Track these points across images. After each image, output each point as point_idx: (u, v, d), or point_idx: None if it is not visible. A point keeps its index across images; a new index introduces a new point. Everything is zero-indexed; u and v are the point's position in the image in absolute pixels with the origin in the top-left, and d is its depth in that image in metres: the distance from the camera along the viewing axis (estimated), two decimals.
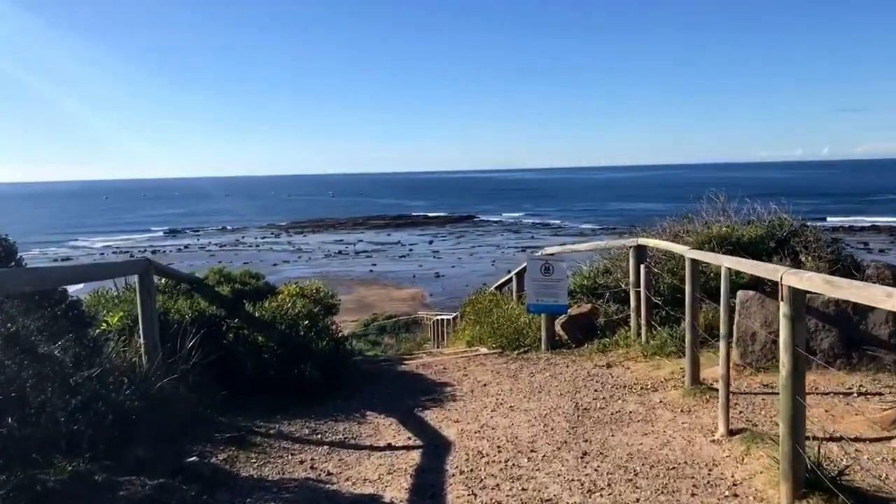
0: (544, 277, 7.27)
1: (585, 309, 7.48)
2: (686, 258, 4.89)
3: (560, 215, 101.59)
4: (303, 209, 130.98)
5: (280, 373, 5.54)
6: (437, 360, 7.35)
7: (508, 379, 6.18)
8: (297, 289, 8.29)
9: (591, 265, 8.35)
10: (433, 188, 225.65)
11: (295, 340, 5.74)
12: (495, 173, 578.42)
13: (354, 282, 51.30)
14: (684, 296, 6.86)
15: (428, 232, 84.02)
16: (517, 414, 4.95)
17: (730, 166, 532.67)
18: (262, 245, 75.77)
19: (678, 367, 5.70)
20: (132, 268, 4.91)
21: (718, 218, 8.08)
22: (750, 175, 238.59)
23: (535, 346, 7.55)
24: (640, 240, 6.83)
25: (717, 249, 6.97)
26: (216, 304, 6.16)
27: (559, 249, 8.17)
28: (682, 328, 6.30)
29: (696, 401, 4.71)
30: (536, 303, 7.33)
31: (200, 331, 5.57)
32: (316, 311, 6.91)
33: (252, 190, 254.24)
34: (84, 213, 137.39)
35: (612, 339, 7.06)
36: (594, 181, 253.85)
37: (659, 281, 6.95)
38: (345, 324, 36.83)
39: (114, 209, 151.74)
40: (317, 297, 8.41)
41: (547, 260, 7.39)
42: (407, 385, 6.27)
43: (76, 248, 77.26)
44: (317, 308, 7.33)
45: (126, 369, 4.80)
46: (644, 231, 8.52)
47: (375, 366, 7.55)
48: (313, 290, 8.63)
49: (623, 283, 7.49)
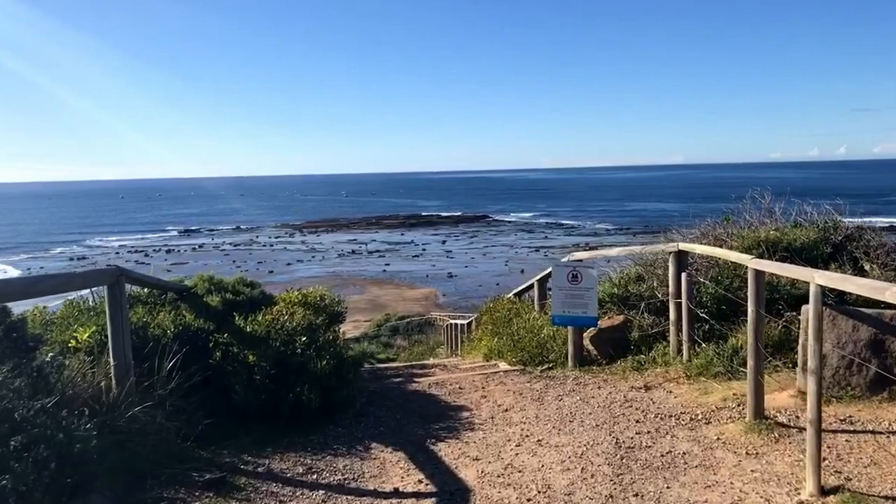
0: (571, 286, 6.49)
1: (617, 321, 6.70)
2: (749, 269, 4.12)
3: (573, 215, 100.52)
4: (316, 209, 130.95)
5: (273, 397, 4.84)
6: (453, 378, 6.61)
7: (533, 403, 5.44)
8: (298, 296, 7.61)
9: (622, 271, 7.55)
10: (446, 188, 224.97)
11: (291, 359, 5.04)
12: (508, 173, 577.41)
13: (367, 281, 50.77)
14: (730, 307, 6.11)
15: (441, 232, 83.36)
16: (547, 451, 4.21)
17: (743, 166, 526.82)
18: (276, 245, 75.53)
19: (730, 392, 4.94)
20: (99, 278, 4.23)
21: (763, 219, 7.27)
22: (764, 175, 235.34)
23: (561, 362, 6.81)
24: (682, 244, 6.05)
25: (767, 255, 6.19)
26: (204, 316, 5.48)
27: (588, 255, 7.25)
28: (731, 346, 5.55)
29: (762, 439, 3.94)
30: (563, 314, 6.56)
31: (184, 348, 4.90)
32: (318, 322, 6.22)
33: (266, 190, 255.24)
34: (101, 213, 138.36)
35: (647, 355, 6.28)
36: (607, 181, 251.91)
37: (701, 290, 6.18)
38: (357, 324, 36.41)
39: (129, 209, 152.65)
40: (320, 305, 7.72)
41: (574, 266, 6.56)
42: (418, 408, 5.55)
43: (92, 248, 77.50)
44: (320, 318, 6.64)
45: (91, 396, 4.13)
46: (676, 231, 7.74)
47: (383, 383, 6.83)
48: (317, 298, 7.94)
49: (659, 292, 6.71)
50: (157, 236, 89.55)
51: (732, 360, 5.42)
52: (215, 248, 73.83)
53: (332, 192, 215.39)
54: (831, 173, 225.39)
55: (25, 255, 70.75)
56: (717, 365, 5.43)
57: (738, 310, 5.98)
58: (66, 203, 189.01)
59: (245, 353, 4.98)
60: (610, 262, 7.92)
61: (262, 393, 4.82)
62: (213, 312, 5.62)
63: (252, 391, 4.82)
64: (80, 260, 66.53)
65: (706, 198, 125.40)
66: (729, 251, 5.15)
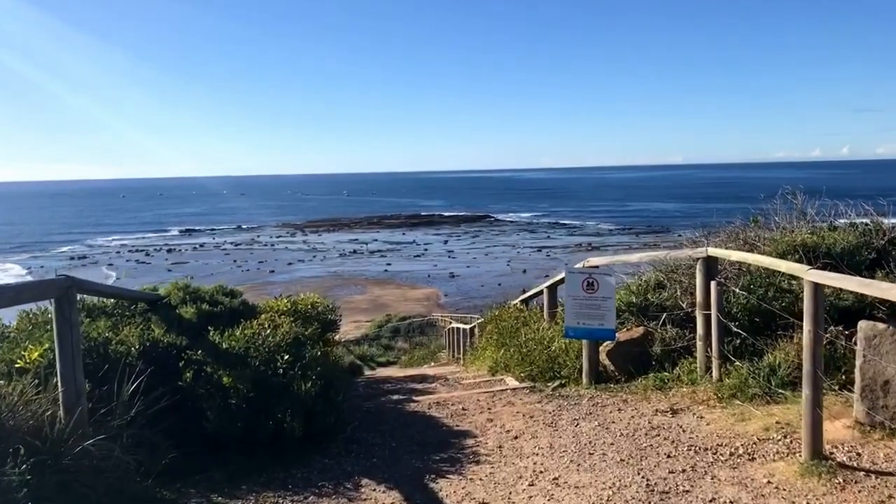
0: (587, 295, 5.86)
1: (637, 334, 6.03)
2: (805, 282, 3.49)
3: (575, 215, 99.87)
4: (318, 208, 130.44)
5: (250, 424, 4.23)
6: (455, 397, 6.00)
7: (546, 428, 4.83)
8: (287, 304, 7.01)
9: (640, 278, 6.92)
10: (448, 187, 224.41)
11: (272, 380, 4.44)
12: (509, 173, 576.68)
13: (369, 281, 50.21)
14: (764, 320, 5.50)
15: (443, 231, 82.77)
16: (566, 494, 3.59)
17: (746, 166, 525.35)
18: (278, 244, 75.02)
19: (771, 419, 4.32)
20: (43, 290, 3.62)
21: (792, 221, 6.64)
22: (768, 175, 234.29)
23: (575, 378, 6.20)
24: (711, 250, 5.35)
25: (804, 261, 5.57)
26: (176, 330, 4.88)
27: (605, 261, 6.46)
28: (768, 363, 4.93)
29: (824, 486, 3.30)
30: (577, 325, 5.93)
31: (150, 367, 4.31)
32: (308, 334, 5.62)
33: (267, 189, 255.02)
34: (102, 212, 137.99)
35: (671, 373, 5.64)
36: (608, 181, 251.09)
37: (730, 301, 5.57)
38: (359, 324, 35.84)
39: (131, 208, 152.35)
40: (311, 314, 7.12)
41: (590, 273, 5.92)
42: (416, 434, 4.94)
43: (93, 247, 77.04)
44: (310, 328, 6.04)
45: (31, 429, 3.54)
46: (701, 232, 7.11)
47: (379, 401, 6.23)
48: (307, 305, 7.34)
49: (683, 301, 6.07)
50: (158, 235, 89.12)
51: (770, 380, 4.81)
52: (216, 248, 73.33)
53: (334, 192, 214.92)
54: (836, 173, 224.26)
55: (27, 255, 70.29)
56: (752, 386, 4.81)
57: (774, 322, 5.40)
58: (68, 202, 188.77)
59: (220, 373, 4.38)
60: (632, 269, 7.29)
61: (238, 419, 4.22)
62: (186, 326, 5.03)
63: (227, 418, 4.22)
64: (80, 259, 66.10)
65: (708, 198, 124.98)
66: (777, 260, 4.51)
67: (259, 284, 50.20)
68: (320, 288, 47.97)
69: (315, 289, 50.48)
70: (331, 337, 8.28)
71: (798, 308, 5.45)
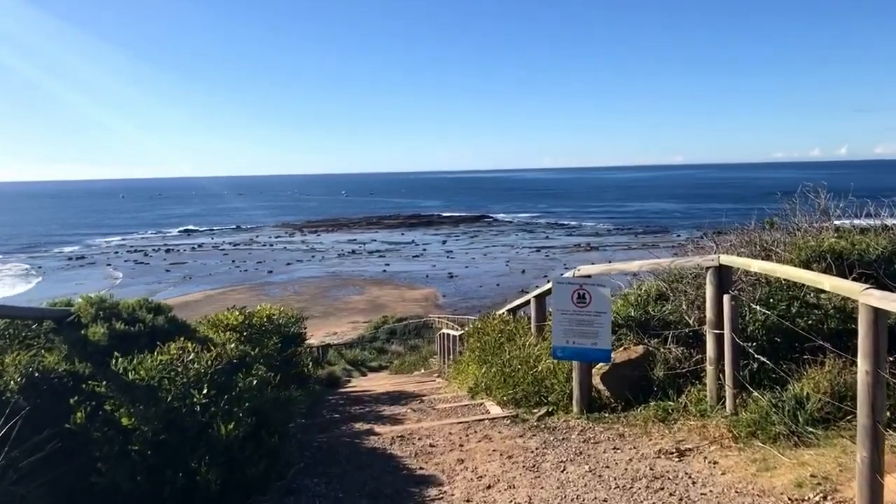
0: (578, 309, 5.03)
1: (636, 354, 5.14)
2: (860, 305, 2.63)
3: (575, 215, 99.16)
4: (317, 209, 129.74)
5: (154, 477, 3.40)
6: (424, 429, 5.09)
7: (526, 474, 3.97)
8: (239, 317, 6.17)
9: (639, 287, 6.05)
10: (447, 188, 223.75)
11: (186, 420, 3.59)
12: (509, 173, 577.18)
13: (367, 282, 49.52)
14: (786, 340, 4.67)
15: (442, 231, 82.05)
16: None
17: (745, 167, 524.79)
18: (276, 244, 74.37)
19: (804, 470, 3.47)
20: None
21: (814, 224, 5.81)
22: (767, 175, 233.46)
23: (564, 405, 5.33)
24: (724, 257, 4.50)
25: (833, 270, 4.74)
26: (79, 355, 4.03)
27: (599, 269, 5.55)
28: (793, 395, 4.09)
29: None
30: (566, 345, 5.09)
31: (37, 403, 3.49)
32: (255, 354, 4.79)
33: (266, 189, 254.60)
34: (101, 213, 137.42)
35: (676, 401, 4.77)
36: (607, 181, 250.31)
37: (747, 316, 4.73)
38: (356, 324, 35.10)
39: (130, 208, 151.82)
40: (266, 329, 6.28)
41: (581, 284, 5.08)
42: (370, 480, 4.08)
43: (91, 247, 76.35)
44: (263, 347, 5.21)
45: None
46: (708, 234, 6.28)
47: (333, 433, 5.35)
48: (263, 319, 6.50)
49: (690, 316, 5.21)
50: (157, 235, 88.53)
51: (797, 415, 3.95)
52: (215, 248, 72.66)
53: (333, 192, 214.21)
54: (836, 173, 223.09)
55: (25, 255, 69.59)
56: (775, 422, 3.96)
57: (798, 344, 4.56)
58: (67, 202, 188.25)
59: (121, 411, 3.54)
60: (627, 276, 6.41)
61: (139, 471, 3.38)
62: (94, 350, 4.18)
63: (124, 469, 3.38)
64: (78, 259, 65.47)
65: (707, 198, 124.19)
66: (819, 275, 3.55)
67: (257, 285, 49.50)
68: (319, 288, 47.33)
69: (313, 289, 49.82)
70: (296, 351, 7.54)
71: (828, 327, 4.62)
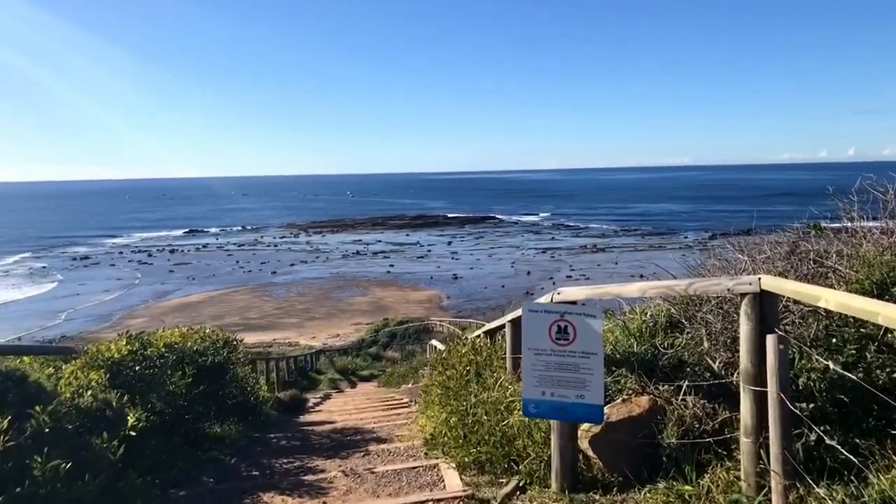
0: (558, 348, 3.55)
1: (638, 409, 3.69)
2: None
3: (580, 216, 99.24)
4: (322, 209, 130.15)
5: None
6: None
7: None
8: (122, 349, 4.88)
9: (643, 311, 4.41)
10: (452, 189, 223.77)
11: None
12: (514, 174, 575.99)
13: (371, 283, 49.72)
14: (860, 401, 2.98)
15: (447, 232, 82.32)
16: None
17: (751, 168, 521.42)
18: (281, 245, 74.74)
19: None
20: None
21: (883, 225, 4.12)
22: (775, 177, 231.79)
23: (540, 475, 3.88)
24: (768, 279, 2.96)
25: None
26: None
27: (587, 293, 3.92)
28: (877, 492, 2.63)
29: None
30: (541, 398, 3.59)
31: None
32: (119, 405, 3.63)
33: (271, 190, 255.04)
34: (106, 213, 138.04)
35: (696, 484, 3.27)
36: (614, 182, 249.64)
37: (797, 363, 3.15)
38: (358, 326, 35.26)
39: (135, 209, 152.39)
40: (166, 361, 5.39)
41: (563, 313, 3.57)
42: None
43: (96, 247, 76.98)
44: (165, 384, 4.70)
45: None
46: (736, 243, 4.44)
47: None
48: (160, 348, 5.48)
49: (715, 356, 3.63)
50: (162, 236, 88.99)
51: None
52: (219, 249, 73.08)
53: (338, 193, 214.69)
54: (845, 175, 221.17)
55: (30, 254, 70.26)
56: None
57: (876, 407, 2.95)
58: (71, 203, 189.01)
59: None
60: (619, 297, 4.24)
61: None
62: None
63: None
64: (83, 259, 66.00)
65: (714, 199, 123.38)
66: None
67: (260, 286, 49.90)
68: (322, 289, 47.51)
69: (317, 290, 49.51)
70: (224, 382, 6.82)
71: None
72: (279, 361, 15.63)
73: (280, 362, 15.75)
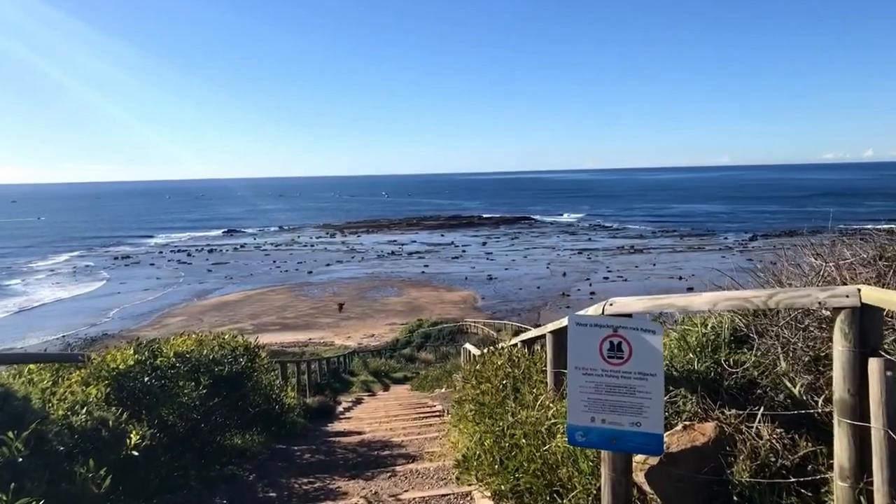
0: (610, 368, 2.93)
1: (703, 439, 3.03)
2: None
3: (618, 217, 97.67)
4: (357, 210, 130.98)
5: None
6: None
7: None
8: (129, 359, 4.54)
9: (703, 323, 3.65)
10: (488, 189, 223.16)
11: None
12: (551, 174, 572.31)
13: (406, 283, 49.60)
14: None
15: (482, 233, 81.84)
16: None
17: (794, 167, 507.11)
18: (317, 245, 75.27)
19: None
20: None
21: None
22: (817, 177, 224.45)
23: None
24: (868, 290, 2.33)
25: None
26: None
27: (646, 304, 3.26)
28: None
29: None
30: (589, 425, 2.92)
31: None
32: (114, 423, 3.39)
33: (308, 191, 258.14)
34: (147, 213, 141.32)
35: None
36: (651, 182, 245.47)
37: None
38: (393, 326, 35.09)
39: (175, 209, 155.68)
40: (177, 371, 5.10)
41: (616, 328, 2.91)
42: None
43: (137, 246, 78.75)
44: (178, 395, 4.42)
45: None
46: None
47: None
48: (170, 359, 5.12)
49: (794, 379, 2.98)
50: (201, 236, 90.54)
51: None
52: (257, 248, 73.96)
53: (374, 193, 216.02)
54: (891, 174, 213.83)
55: (77, 253, 72.23)
56: None
57: None
58: (113, 203, 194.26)
59: None
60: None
61: None
62: None
63: None
64: (124, 259, 67.53)
65: (755, 199, 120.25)
66: None
67: (297, 285, 50.23)
68: (357, 289, 47.59)
69: (352, 290, 49.31)
70: (244, 392, 6.41)
71: None
72: (311, 363, 15.34)
73: (312, 364, 15.46)
